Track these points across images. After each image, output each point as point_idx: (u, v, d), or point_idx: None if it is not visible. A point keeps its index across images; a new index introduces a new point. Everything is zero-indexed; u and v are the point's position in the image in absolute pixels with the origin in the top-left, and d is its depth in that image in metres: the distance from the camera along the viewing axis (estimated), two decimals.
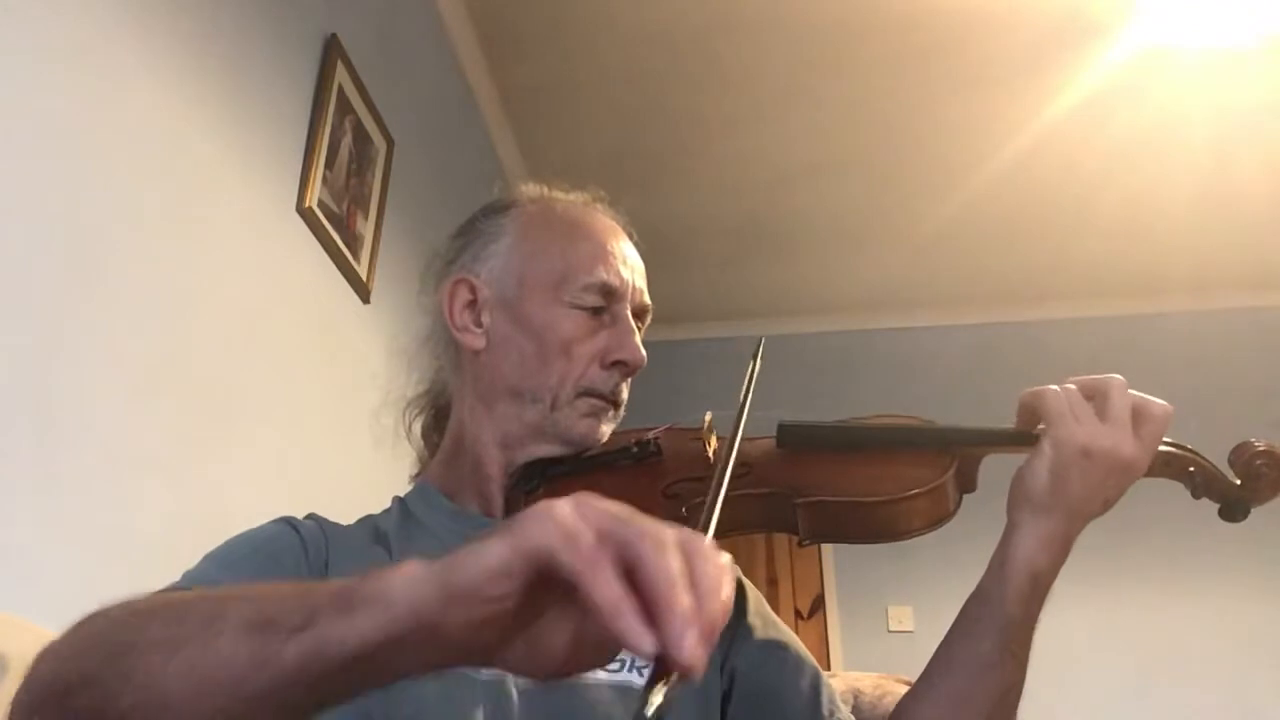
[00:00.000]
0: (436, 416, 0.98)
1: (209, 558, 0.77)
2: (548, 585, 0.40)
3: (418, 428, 0.99)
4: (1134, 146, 3.36)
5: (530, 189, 0.97)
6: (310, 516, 0.85)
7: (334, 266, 2.10)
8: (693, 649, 0.37)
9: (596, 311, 0.88)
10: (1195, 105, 3.16)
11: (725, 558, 0.41)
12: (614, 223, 0.95)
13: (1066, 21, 2.84)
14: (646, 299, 0.92)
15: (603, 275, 0.87)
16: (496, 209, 0.95)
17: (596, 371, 0.86)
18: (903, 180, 3.63)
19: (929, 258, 4.10)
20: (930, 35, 2.92)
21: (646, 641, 0.37)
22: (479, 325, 0.89)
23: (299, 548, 0.78)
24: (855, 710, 1.07)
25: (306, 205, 1.98)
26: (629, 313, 0.89)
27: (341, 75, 2.14)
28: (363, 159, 2.25)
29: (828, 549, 4.14)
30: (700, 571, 0.39)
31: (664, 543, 0.39)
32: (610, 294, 0.88)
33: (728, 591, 0.40)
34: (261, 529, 0.81)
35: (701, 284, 4.22)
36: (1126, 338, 4.17)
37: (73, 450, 1.31)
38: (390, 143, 2.38)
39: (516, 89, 3.22)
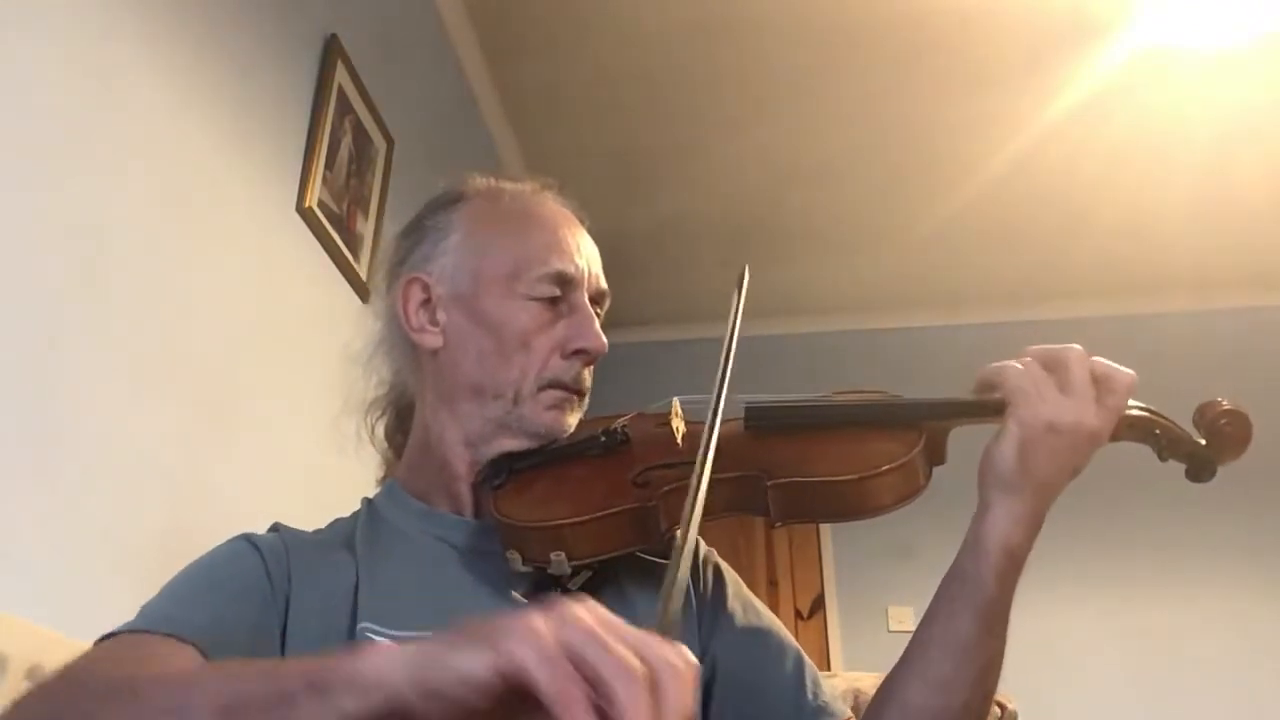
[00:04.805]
0: (398, 417, 0.97)
1: (168, 591, 0.74)
2: (521, 693, 0.41)
3: (380, 430, 0.98)
4: (1134, 147, 3.36)
5: (477, 181, 0.95)
6: (274, 527, 0.84)
7: (334, 266, 2.10)
8: None
9: (553, 302, 0.86)
10: (1195, 105, 3.15)
11: (692, 662, 0.43)
12: (565, 209, 0.93)
13: (1066, 21, 2.84)
14: (603, 284, 0.91)
15: (557, 264, 0.86)
16: (443, 204, 0.93)
17: (557, 362, 0.85)
18: (903, 180, 3.62)
19: (929, 258, 4.09)
20: (930, 35, 2.91)
21: None
22: (435, 324, 0.88)
23: (260, 567, 0.76)
24: (856, 710, 1.07)
25: (306, 205, 1.98)
26: (587, 299, 0.88)
27: (341, 75, 2.14)
28: (363, 159, 2.26)
29: (828, 548, 4.14)
30: (669, 693, 0.41)
31: (633, 673, 0.40)
32: (566, 283, 0.87)
33: (691, 705, 0.42)
34: (221, 551, 0.79)
35: (702, 284, 4.21)
36: (1126, 338, 4.15)
37: (72, 450, 1.31)
38: (390, 143, 2.38)
39: (516, 89, 3.22)
